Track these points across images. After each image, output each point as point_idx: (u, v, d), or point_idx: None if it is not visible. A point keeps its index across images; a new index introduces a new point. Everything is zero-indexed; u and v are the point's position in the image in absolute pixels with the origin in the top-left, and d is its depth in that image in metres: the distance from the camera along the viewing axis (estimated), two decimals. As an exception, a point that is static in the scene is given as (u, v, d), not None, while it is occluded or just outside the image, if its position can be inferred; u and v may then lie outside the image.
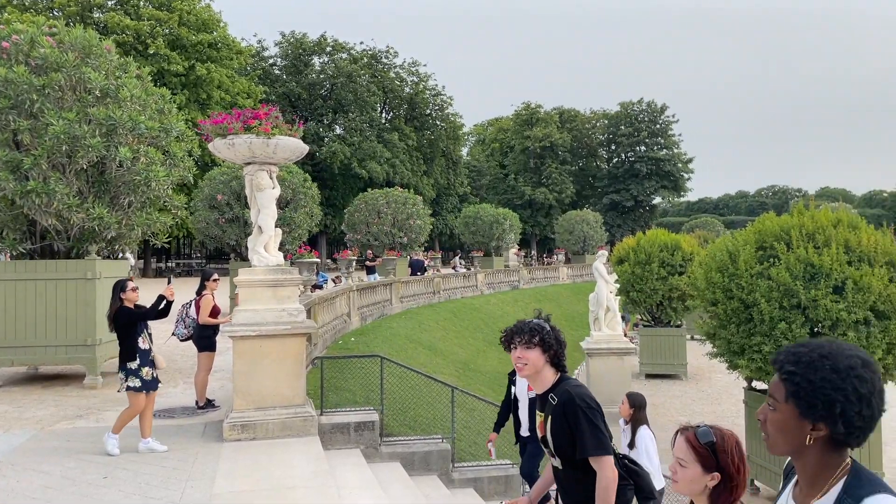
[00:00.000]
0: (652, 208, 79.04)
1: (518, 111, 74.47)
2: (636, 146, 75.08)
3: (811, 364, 1.78)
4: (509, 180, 73.16)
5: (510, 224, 41.06)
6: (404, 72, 61.94)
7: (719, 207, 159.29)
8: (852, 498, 1.71)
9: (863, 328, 9.91)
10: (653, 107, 75.94)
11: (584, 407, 3.50)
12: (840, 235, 10.46)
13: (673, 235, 24.18)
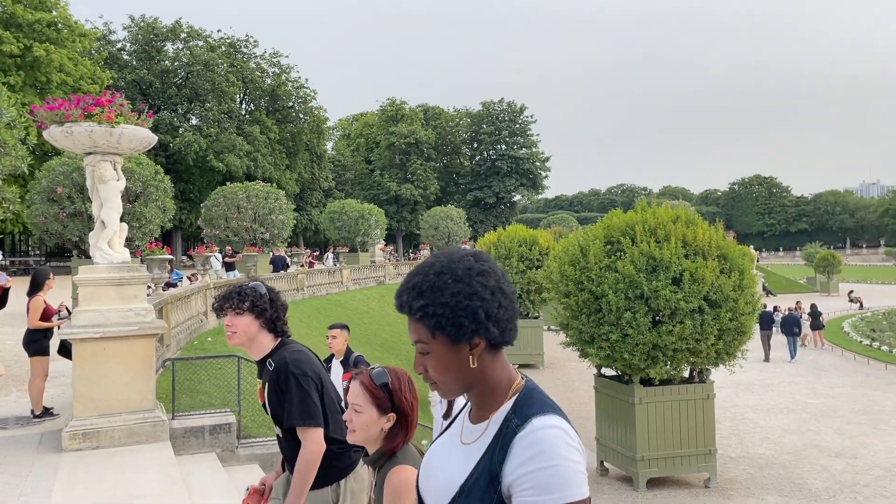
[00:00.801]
0: (512, 205, 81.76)
1: (383, 107, 74.45)
2: (497, 144, 77.33)
3: (435, 287, 1.62)
4: (375, 176, 73.03)
5: (376, 220, 40.96)
6: (265, 62, 60.08)
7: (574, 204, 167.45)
8: (519, 417, 1.60)
9: (698, 316, 10.76)
10: (513, 107, 78.48)
11: (298, 374, 3.32)
12: (679, 231, 11.30)
13: (531, 231, 25.14)
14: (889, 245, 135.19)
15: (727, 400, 17.72)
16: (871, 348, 25.09)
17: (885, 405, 17.08)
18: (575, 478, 1.51)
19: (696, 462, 11.33)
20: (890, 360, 22.75)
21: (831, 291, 53.97)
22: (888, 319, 32.50)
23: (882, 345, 25.13)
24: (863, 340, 26.59)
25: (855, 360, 24.00)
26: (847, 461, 12.66)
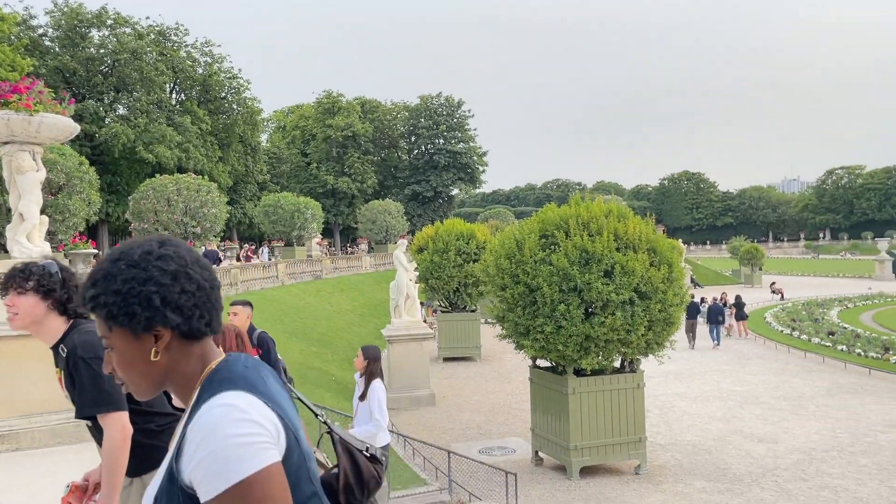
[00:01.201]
0: (450, 199, 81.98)
1: (320, 100, 73.40)
2: (435, 139, 77.36)
3: (108, 275, 1.49)
4: (311, 169, 71.99)
5: (312, 213, 40.40)
6: (196, 52, 58.35)
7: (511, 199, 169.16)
8: (198, 404, 1.46)
9: (628, 307, 11.05)
10: (451, 101, 78.62)
11: (88, 357, 3.03)
12: (610, 224, 11.56)
13: (468, 225, 25.31)
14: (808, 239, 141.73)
15: (656, 388, 18.27)
16: (791, 337, 26.26)
17: (804, 391, 17.93)
18: (240, 453, 1.35)
19: (627, 450, 11.65)
20: (808, 348, 23.87)
21: (755, 283, 56.14)
22: (807, 310, 34.06)
23: (801, 334, 26.32)
24: (784, 330, 27.80)
25: (776, 348, 25.09)
26: (769, 446, 13.23)
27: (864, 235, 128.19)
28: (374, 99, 78.52)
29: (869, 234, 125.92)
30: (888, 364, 20.34)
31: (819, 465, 11.93)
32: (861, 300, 40.07)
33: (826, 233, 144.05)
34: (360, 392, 6.60)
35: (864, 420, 14.89)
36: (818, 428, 14.35)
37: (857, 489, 10.74)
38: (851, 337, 24.64)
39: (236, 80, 61.44)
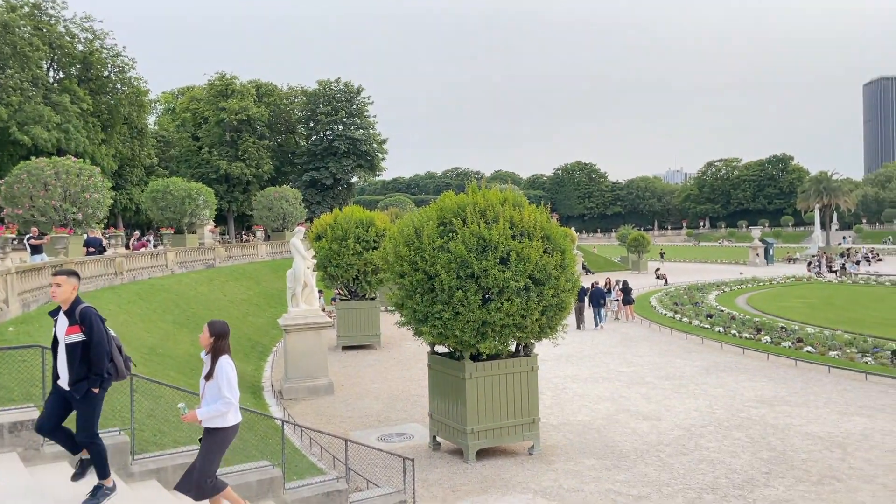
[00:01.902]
0: (350, 186, 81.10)
1: (212, 81, 70.53)
2: (334, 125, 76.13)
3: None
4: (203, 153, 69.19)
5: (204, 200, 38.90)
6: (76, 27, 54.68)
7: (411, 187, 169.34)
8: None
9: (524, 293, 11.34)
10: (350, 87, 77.56)
11: None
12: (506, 212, 11.80)
13: (368, 212, 25.14)
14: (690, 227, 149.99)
15: (550, 371, 18.90)
16: (674, 320, 27.76)
17: (685, 371, 19.02)
18: None
19: (522, 431, 12.00)
20: (689, 330, 25.32)
21: (641, 269, 58.93)
22: (688, 294, 36.12)
23: (683, 317, 27.89)
24: (667, 313, 29.35)
25: (660, 331, 26.47)
26: (653, 423, 13.97)
27: (739, 224, 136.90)
28: (269, 83, 76.27)
29: (744, 222, 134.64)
30: (759, 344, 21.89)
31: (698, 440, 12.71)
32: (736, 284, 42.87)
33: (706, 221, 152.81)
34: (207, 371, 6.21)
35: (739, 397, 15.98)
36: (697, 405, 15.28)
37: (732, 461, 11.52)
38: (727, 319, 26.35)
39: (120, 59, 58.04)
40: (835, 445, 12.24)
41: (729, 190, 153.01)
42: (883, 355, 18.99)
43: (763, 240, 71.54)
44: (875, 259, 67.34)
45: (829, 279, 47.85)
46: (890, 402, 15.14)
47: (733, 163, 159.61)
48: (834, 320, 27.17)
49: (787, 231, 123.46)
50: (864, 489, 10.15)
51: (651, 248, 65.90)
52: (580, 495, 10.14)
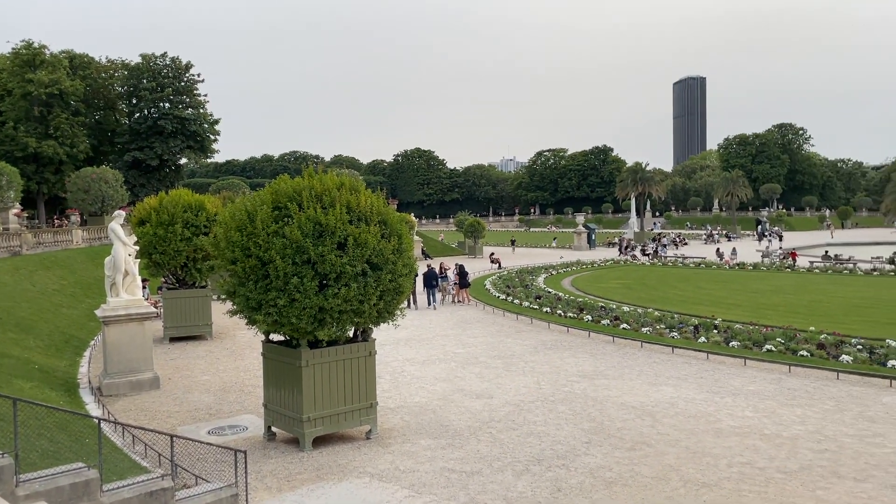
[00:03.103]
0: (178, 168, 76.64)
1: (17, 50, 63.42)
2: (160, 102, 71.40)
3: None
4: (7, 129, 62.21)
5: (8, 180, 35.14)
6: None
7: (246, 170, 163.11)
8: None
9: (361, 279, 11.32)
10: (177, 63, 73.05)
11: None
12: (343, 197, 11.69)
13: (198, 196, 23.87)
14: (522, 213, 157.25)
15: (388, 355, 19.09)
16: (506, 302, 29.02)
17: (516, 350, 19.97)
18: None
19: (359, 416, 12.03)
20: (520, 311, 26.59)
21: (477, 254, 61.02)
22: (519, 277, 37.91)
23: (514, 298, 29.23)
24: (500, 296, 30.62)
25: (494, 312, 27.58)
26: (485, 401, 14.55)
27: (566, 210, 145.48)
28: (84, 53, 69.89)
29: (570, 209, 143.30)
30: (582, 322, 23.46)
31: (526, 415, 13.42)
32: (562, 267, 45.56)
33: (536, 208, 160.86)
34: None
35: (563, 372, 17.04)
36: (526, 382, 16.11)
37: (556, 433, 12.28)
38: (554, 300, 27.97)
39: None
40: (646, 414, 13.41)
41: (557, 179, 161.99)
42: (687, 330, 21.04)
43: (586, 225, 76.56)
44: (681, 243, 74.33)
45: (643, 261, 52.23)
46: (692, 372, 16.83)
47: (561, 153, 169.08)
48: (646, 299, 29.70)
49: (608, 217, 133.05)
50: (670, 452, 11.22)
51: (486, 233, 68.29)
52: (416, 475, 10.36)
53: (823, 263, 46.08)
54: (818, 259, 48.56)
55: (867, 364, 16.47)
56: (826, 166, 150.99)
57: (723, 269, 45.51)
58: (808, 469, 10.35)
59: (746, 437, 11.92)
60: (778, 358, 17.51)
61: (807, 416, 13.08)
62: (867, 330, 20.84)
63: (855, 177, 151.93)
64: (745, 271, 43.60)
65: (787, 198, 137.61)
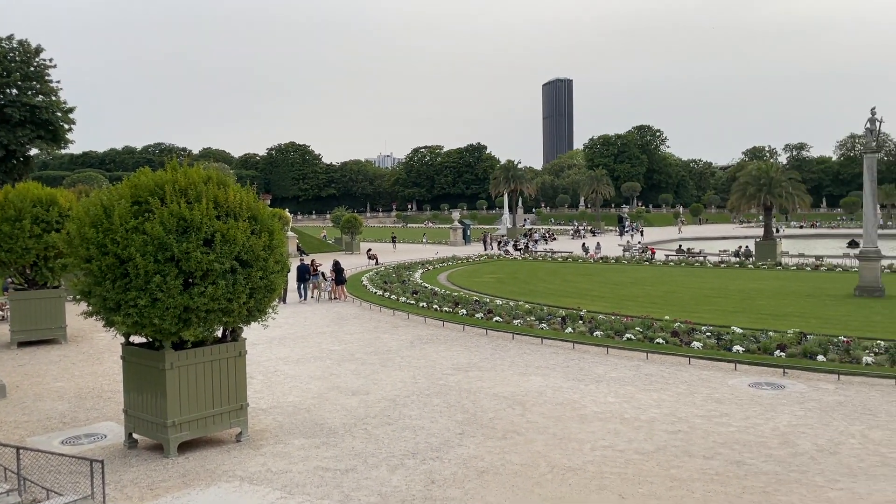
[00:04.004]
0: (27, 160, 70.69)
1: None
2: (6, 88, 65.48)
3: None
4: None
5: None
6: None
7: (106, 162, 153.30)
8: None
9: (230, 276, 10.94)
10: (26, 46, 67.29)
11: None
12: (210, 192, 11.23)
13: (49, 189, 22.13)
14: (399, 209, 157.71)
15: (261, 355, 18.60)
16: (383, 298, 29.03)
17: (392, 345, 20.03)
18: None
19: (229, 419, 11.64)
20: (396, 306, 26.69)
21: (354, 250, 60.63)
22: (396, 273, 38.03)
23: (391, 294, 29.30)
24: (377, 291, 30.59)
25: (371, 308, 27.53)
26: (361, 397, 14.50)
27: (442, 207, 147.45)
28: (-87, 30, 62.83)
29: (446, 205, 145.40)
30: (457, 316, 23.89)
31: (402, 410, 13.51)
32: (439, 263, 46.18)
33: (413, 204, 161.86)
34: None
35: (438, 366, 17.29)
36: (402, 377, 16.21)
37: (431, 426, 12.45)
38: (430, 295, 28.30)
39: None
40: (516, 403, 13.87)
41: (433, 175, 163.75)
42: (555, 321, 21.94)
43: (462, 221, 78.02)
44: (551, 238, 77.35)
45: (515, 256, 53.90)
46: (560, 361, 17.57)
47: (437, 150, 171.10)
48: (518, 292, 30.70)
49: (482, 213, 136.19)
50: (538, 439, 11.67)
51: (364, 229, 67.95)
52: (288, 476, 10.17)
53: (678, 257, 49.47)
54: (673, 253, 52.07)
55: (715, 349, 17.86)
56: (680, 166, 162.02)
57: (588, 263, 47.82)
58: (663, 449, 11.09)
59: (608, 421, 12.61)
60: (637, 346, 18.63)
61: (662, 399, 14.01)
62: (715, 318, 22.62)
63: (705, 176, 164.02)
64: (608, 265, 46.04)
65: (646, 195, 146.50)
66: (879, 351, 16.70)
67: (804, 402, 13.61)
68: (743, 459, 10.56)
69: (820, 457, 10.64)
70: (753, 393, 14.41)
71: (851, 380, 15.22)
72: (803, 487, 9.46)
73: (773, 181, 48.13)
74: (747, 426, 12.20)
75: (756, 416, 12.80)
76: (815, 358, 16.46)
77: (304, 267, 31.51)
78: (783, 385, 14.93)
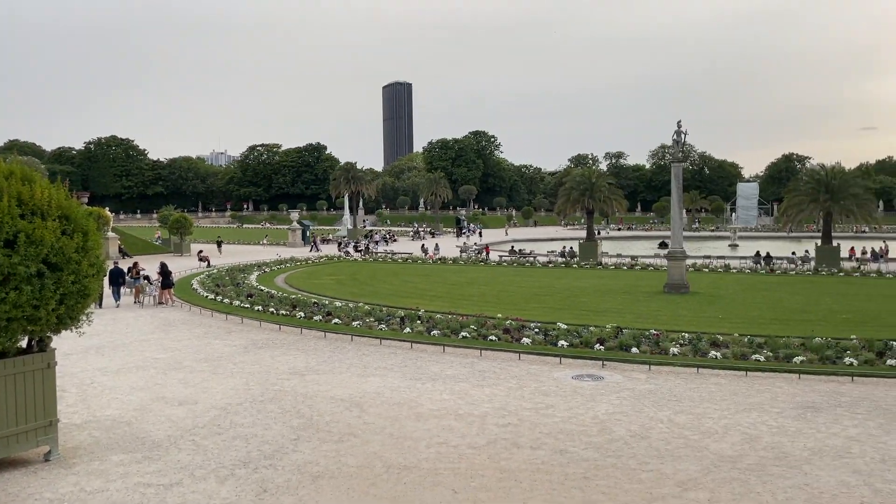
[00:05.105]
0: None
1: None
2: None
3: None
4: None
5: None
6: None
7: None
8: None
9: (37, 281, 9.97)
10: None
11: None
12: (13, 188, 10.19)
13: None
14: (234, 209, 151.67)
15: (75, 366, 17.12)
16: (215, 301, 27.78)
17: (224, 351, 19.21)
18: None
19: (36, 437, 10.58)
20: (230, 310, 25.60)
21: (184, 252, 57.48)
22: (230, 275, 36.52)
23: (225, 298, 28.10)
24: (209, 295, 29.21)
25: (201, 313, 26.22)
26: (189, 407, 13.76)
27: (280, 207, 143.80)
28: None
29: (284, 205, 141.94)
30: (295, 319, 23.37)
31: (233, 418, 12.99)
32: (276, 265, 44.97)
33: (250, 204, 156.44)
34: None
35: (273, 371, 16.82)
36: (234, 384, 15.59)
37: (265, 433, 12.08)
38: (267, 298, 27.48)
39: None
40: (354, 405, 13.82)
41: (271, 174, 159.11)
42: (394, 322, 22.12)
43: (301, 222, 76.57)
44: (391, 240, 77.92)
45: (356, 257, 53.74)
46: (398, 362, 17.74)
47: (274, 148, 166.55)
48: (358, 294, 30.64)
49: (323, 214, 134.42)
50: (375, 440, 11.70)
51: (194, 229, 64.64)
52: (104, 495, 9.42)
53: (510, 257, 51.76)
54: (506, 254, 54.40)
55: (542, 345, 18.88)
56: (513, 171, 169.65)
57: (427, 263, 48.75)
58: (494, 443, 11.53)
59: (443, 418, 12.92)
60: (472, 343, 19.25)
61: (494, 394, 14.58)
62: (543, 315, 23.91)
63: (535, 181, 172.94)
64: (447, 265, 47.22)
65: (482, 198, 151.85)
66: (684, 342, 18.47)
67: (620, 392, 14.74)
68: (566, 448, 11.24)
69: (633, 441, 11.56)
70: (576, 385, 15.38)
71: (660, 369, 16.70)
72: (618, 471, 10.24)
73: (594, 187, 51.69)
74: (570, 416, 13.00)
75: (578, 406, 13.68)
76: (630, 350, 17.89)
77: (116, 270, 29.51)
78: (602, 376, 16.08)
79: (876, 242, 58.49)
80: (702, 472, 10.14)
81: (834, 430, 12.12)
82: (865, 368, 16.05)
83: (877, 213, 55.15)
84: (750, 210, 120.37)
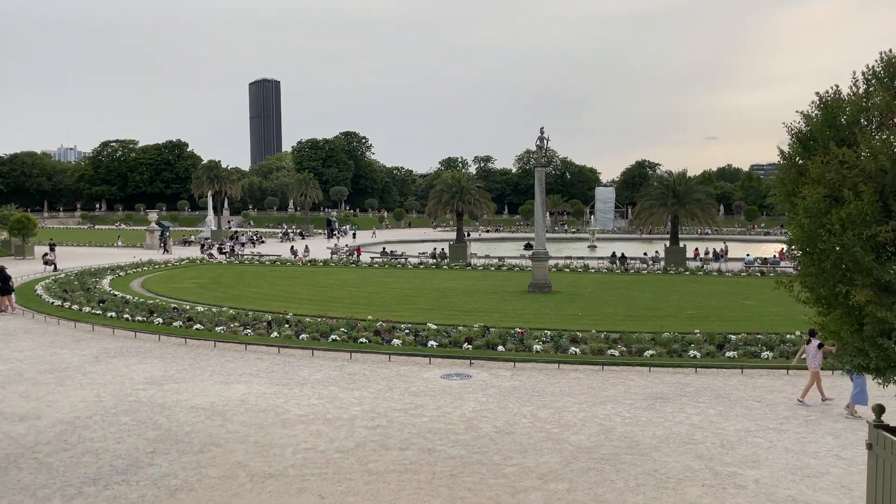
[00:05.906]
0: None
1: None
2: None
3: None
4: None
5: None
6: None
7: None
8: None
9: None
10: None
11: None
12: None
13: None
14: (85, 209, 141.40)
15: None
16: (62, 308, 25.77)
17: (72, 361, 17.88)
18: None
19: None
20: (79, 317, 23.87)
21: (27, 255, 52.91)
22: (80, 280, 33.98)
23: (73, 304, 26.13)
24: (55, 301, 27.06)
25: (46, 321, 24.24)
26: (31, 423, 12.70)
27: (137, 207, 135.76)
28: None
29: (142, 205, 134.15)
30: (152, 326, 22.14)
31: (82, 433, 12.12)
32: (132, 268, 42.34)
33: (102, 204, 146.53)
34: None
35: (128, 381, 15.84)
36: (84, 396, 14.55)
37: (117, 447, 11.36)
38: (121, 303, 25.83)
39: None
40: (216, 414, 13.29)
41: (126, 172, 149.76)
42: (261, 326, 21.49)
43: (160, 223, 72.58)
44: (259, 241, 75.70)
45: (220, 260, 51.66)
46: (264, 367, 17.25)
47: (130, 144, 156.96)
48: (222, 298, 29.47)
49: (184, 215, 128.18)
50: (238, 449, 11.31)
51: (39, 231, 59.65)
52: (-71, 525, 8.51)
53: (382, 259, 51.71)
54: (377, 255, 54.31)
55: (412, 346, 19.02)
56: (384, 173, 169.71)
57: (296, 265, 47.74)
58: (362, 445, 11.49)
59: (311, 423, 12.70)
60: (342, 346, 19.07)
61: (364, 397, 14.52)
62: (414, 316, 24.10)
63: (407, 183, 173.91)
64: (317, 267, 46.46)
65: (353, 199, 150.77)
66: (547, 339, 19.24)
67: (486, 389, 15.13)
68: (434, 447, 11.39)
69: (498, 437, 11.91)
70: (445, 384, 15.63)
71: (524, 366, 17.31)
72: (484, 467, 10.50)
73: (463, 189, 52.70)
74: (439, 415, 13.18)
75: (447, 405, 13.90)
76: (496, 348, 18.42)
77: None
78: (470, 375, 16.44)
79: (717, 243, 63.65)
80: (562, 464, 10.61)
81: (679, 418, 13.07)
82: (707, 360, 17.46)
83: (718, 217, 59.89)
84: (607, 213, 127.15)
